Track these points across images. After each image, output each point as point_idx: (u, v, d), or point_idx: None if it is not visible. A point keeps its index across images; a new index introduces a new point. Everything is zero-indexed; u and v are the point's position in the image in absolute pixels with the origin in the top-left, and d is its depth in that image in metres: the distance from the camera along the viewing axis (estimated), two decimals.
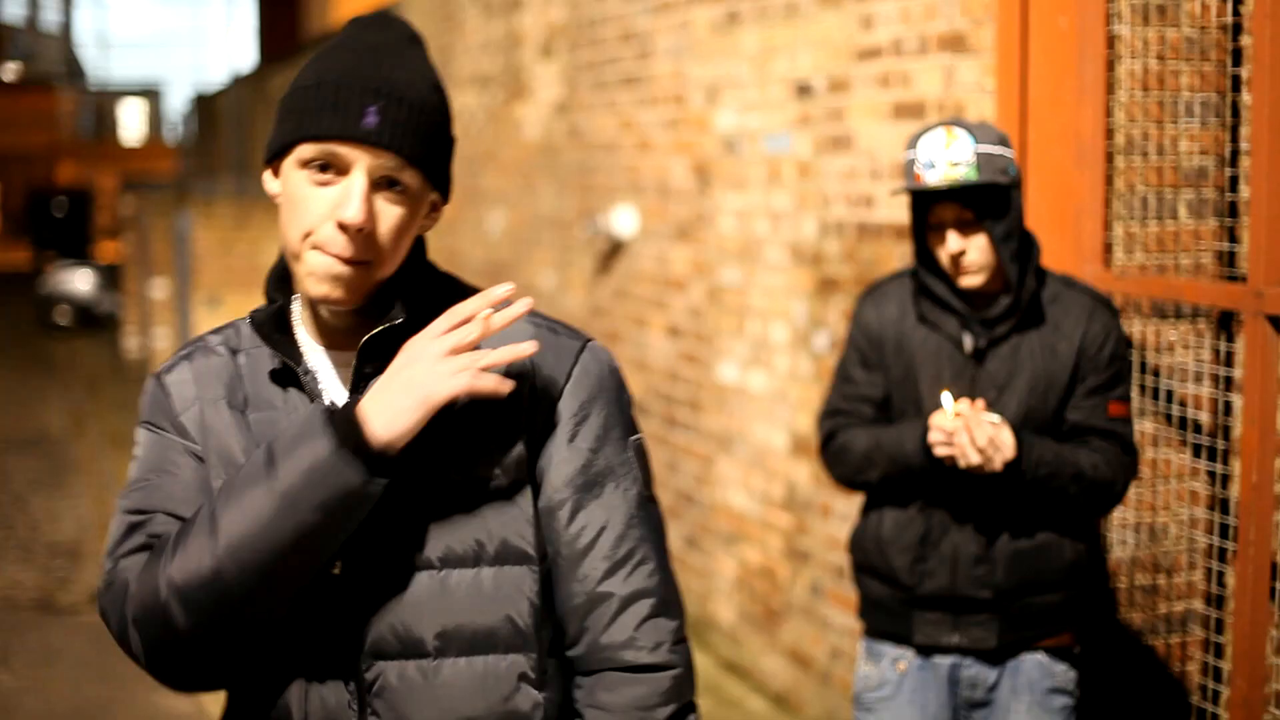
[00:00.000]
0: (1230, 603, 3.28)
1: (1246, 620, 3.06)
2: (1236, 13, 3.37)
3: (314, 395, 1.60)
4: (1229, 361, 3.42)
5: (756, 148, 5.23)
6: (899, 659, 3.00)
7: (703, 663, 5.62)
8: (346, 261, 1.52)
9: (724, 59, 5.45)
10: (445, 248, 9.22)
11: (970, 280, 2.87)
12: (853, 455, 3.01)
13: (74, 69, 52.95)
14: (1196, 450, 3.49)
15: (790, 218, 5.00)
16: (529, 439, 1.60)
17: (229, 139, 20.35)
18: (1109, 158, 3.54)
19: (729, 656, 5.52)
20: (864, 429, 3.00)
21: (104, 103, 50.42)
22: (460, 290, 1.67)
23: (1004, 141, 2.85)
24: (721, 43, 5.47)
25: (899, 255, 4.34)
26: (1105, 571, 3.60)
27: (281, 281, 1.66)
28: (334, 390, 1.62)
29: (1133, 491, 3.56)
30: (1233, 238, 3.48)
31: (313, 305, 1.62)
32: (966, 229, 2.84)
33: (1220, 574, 3.43)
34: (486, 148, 8.35)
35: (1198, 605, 3.55)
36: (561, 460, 1.62)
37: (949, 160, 2.80)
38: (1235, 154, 3.48)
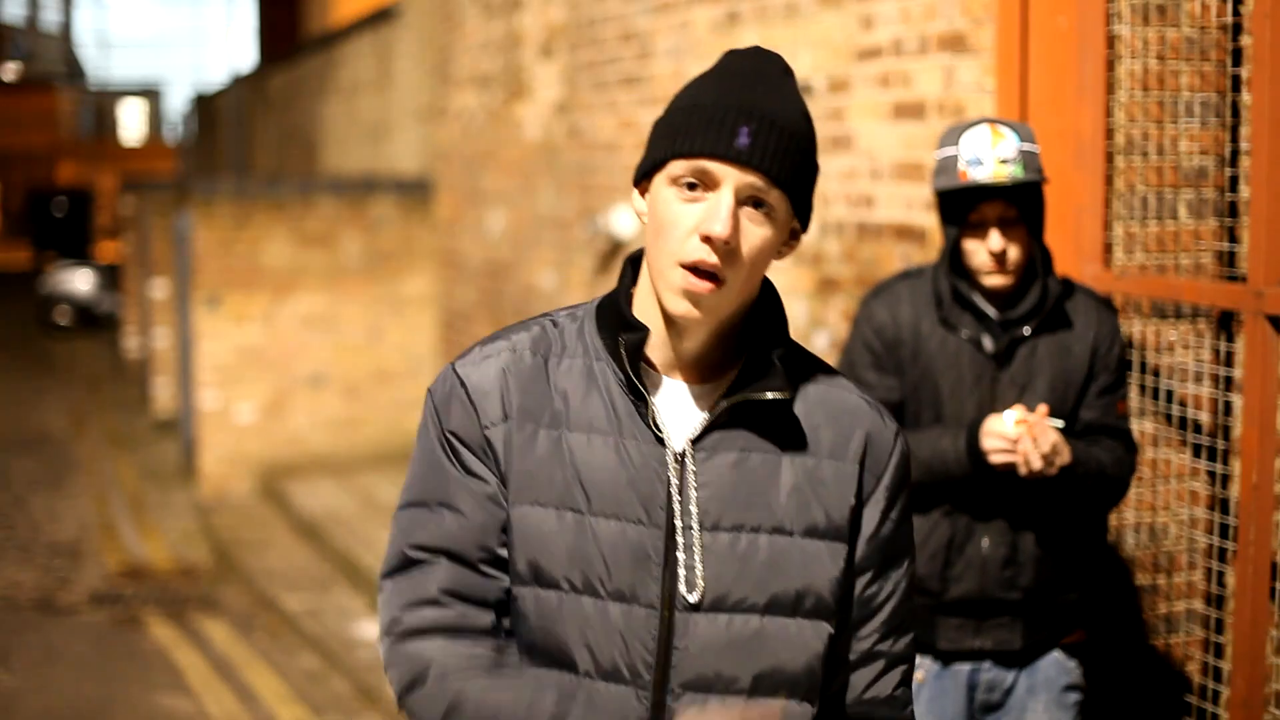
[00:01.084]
0: (1230, 603, 3.28)
1: (1246, 620, 3.06)
2: (1236, 13, 3.37)
3: (657, 429, 1.62)
4: (1229, 361, 3.42)
5: None
6: (917, 669, 2.96)
7: None
8: (707, 277, 1.56)
9: None
10: (445, 248, 9.22)
11: (1003, 280, 2.85)
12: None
13: (74, 69, 52.94)
14: (1196, 450, 3.49)
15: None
16: (858, 504, 1.67)
17: (229, 139, 20.34)
18: (1109, 158, 3.54)
19: None
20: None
21: (104, 103, 50.40)
22: (801, 354, 1.72)
23: (1035, 140, 2.87)
24: (721, 43, 5.47)
25: (899, 255, 4.34)
26: (1114, 573, 3.60)
27: (629, 303, 1.68)
28: (673, 424, 1.64)
29: (1133, 491, 3.56)
30: (1233, 238, 3.48)
31: (668, 332, 1.64)
32: (1008, 227, 2.83)
33: (1220, 574, 3.43)
34: (486, 148, 8.34)
35: (1198, 605, 3.55)
36: (874, 532, 1.69)
37: (998, 157, 2.78)
38: (1235, 154, 3.48)
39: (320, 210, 9.45)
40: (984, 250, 2.84)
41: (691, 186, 1.58)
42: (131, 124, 52.03)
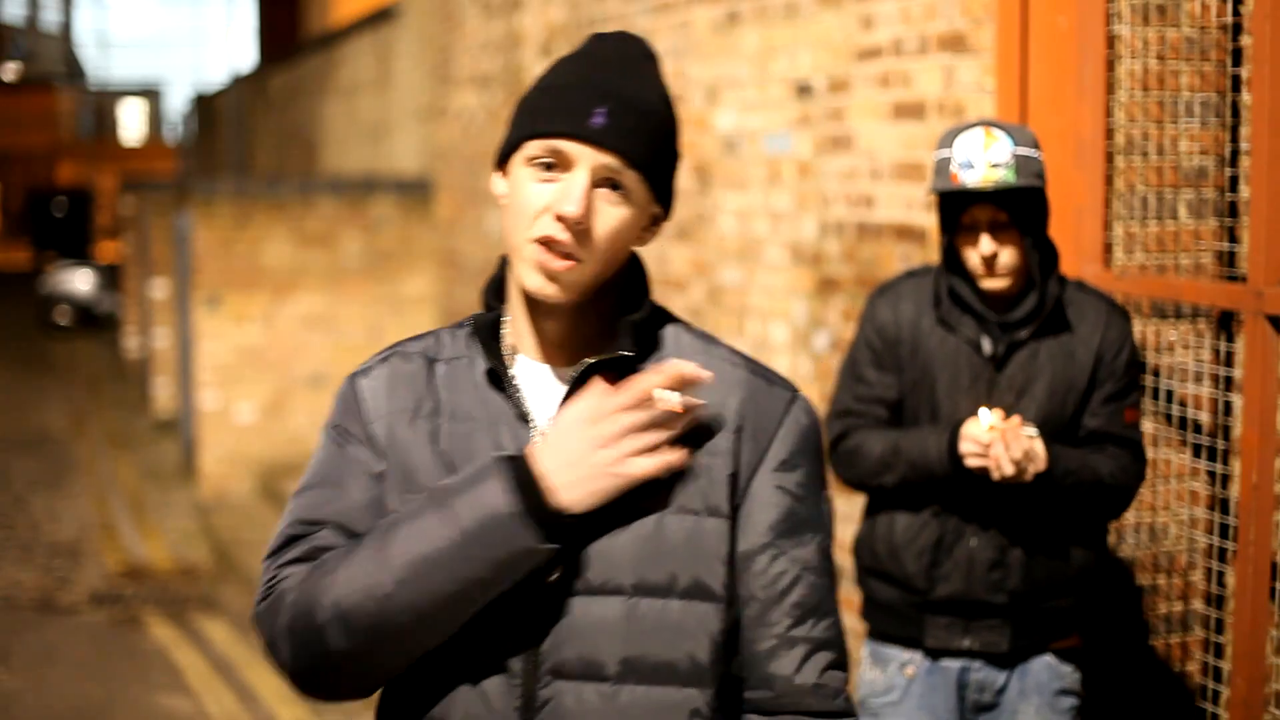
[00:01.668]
0: (1230, 603, 3.28)
1: (1246, 620, 3.06)
2: (1236, 13, 3.37)
3: (519, 406, 1.61)
4: (1229, 361, 3.42)
5: (756, 148, 5.23)
6: (907, 664, 2.98)
7: None
8: (561, 254, 1.55)
9: (724, 59, 5.45)
10: (445, 248, 9.22)
11: (997, 283, 2.85)
12: (867, 458, 2.97)
13: (74, 69, 52.94)
14: (1196, 450, 3.49)
15: (790, 218, 5.00)
16: (734, 480, 1.61)
17: (229, 139, 20.34)
18: (1109, 158, 3.54)
19: None
20: (879, 431, 2.97)
21: (104, 103, 50.41)
22: (677, 325, 1.69)
23: (1037, 144, 2.83)
24: (721, 43, 5.47)
25: (899, 255, 4.34)
26: (1113, 573, 3.60)
27: (498, 292, 1.68)
28: (539, 405, 1.62)
29: None
30: (1233, 238, 3.48)
31: (528, 314, 1.64)
32: (1000, 231, 2.82)
33: (1220, 574, 3.43)
34: (486, 148, 8.34)
35: (1198, 605, 3.55)
36: (767, 505, 1.62)
37: (989, 161, 2.77)
38: (1235, 154, 3.48)
39: (320, 210, 9.45)
40: (976, 254, 2.84)
41: (548, 166, 1.56)
42: (131, 124, 52.03)
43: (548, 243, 1.55)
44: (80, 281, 19.28)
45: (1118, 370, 2.89)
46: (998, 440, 2.75)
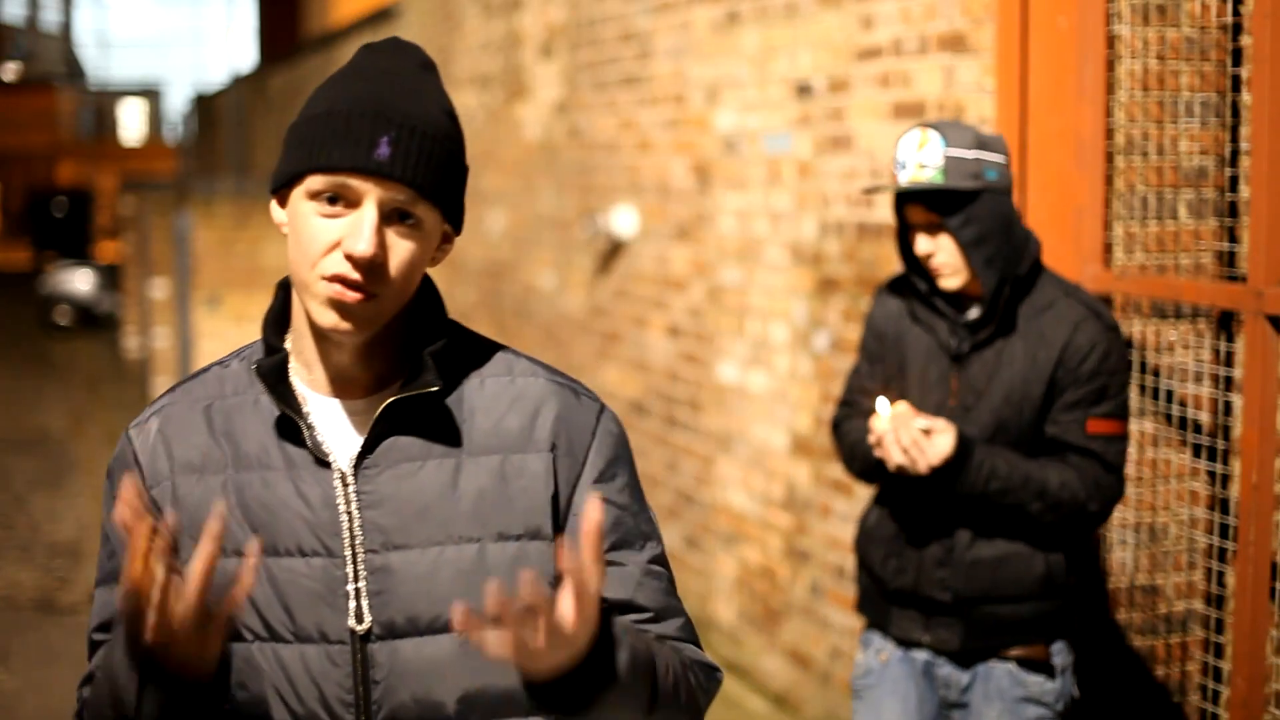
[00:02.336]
0: (1230, 603, 3.28)
1: (1246, 620, 3.06)
2: (1236, 13, 3.37)
3: (318, 453, 1.54)
4: (1229, 361, 3.42)
5: (756, 148, 5.23)
6: (881, 649, 3.04)
7: None
8: (355, 289, 1.47)
9: (724, 59, 5.45)
10: None
11: (946, 282, 2.88)
12: (844, 446, 3.10)
13: (74, 69, 52.96)
14: (1196, 450, 3.49)
15: (790, 218, 5.00)
16: (555, 500, 1.57)
17: (229, 139, 20.35)
18: (1109, 158, 3.54)
19: (729, 656, 5.52)
20: (859, 421, 3.04)
21: (104, 103, 50.40)
22: (476, 346, 1.63)
23: (987, 145, 2.83)
24: (721, 43, 5.47)
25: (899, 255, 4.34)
26: (1097, 580, 3.60)
27: (278, 327, 1.60)
28: (338, 445, 1.55)
29: (1133, 491, 3.56)
30: (1233, 238, 3.48)
31: (318, 347, 1.56)
32: (934, 231, 2.85)
33: (1220, 574, 3.43)
34: (486, 148, 8.34)
35: (1198, 605, 3.55)
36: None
37: (918, 162, 2.81)
38: (1235, 154, 3.48)
39: None
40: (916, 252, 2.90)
41: (332, 200, 1.48)
42: (131, 124, 52.03)
43: (340, 280, 1.47)
44: (80, 281, 19.27)
45: (1081, 376, 2.82)
46: (889, 430, 2.80)
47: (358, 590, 1.52)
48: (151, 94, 53.41)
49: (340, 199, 1.48)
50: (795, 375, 5.01)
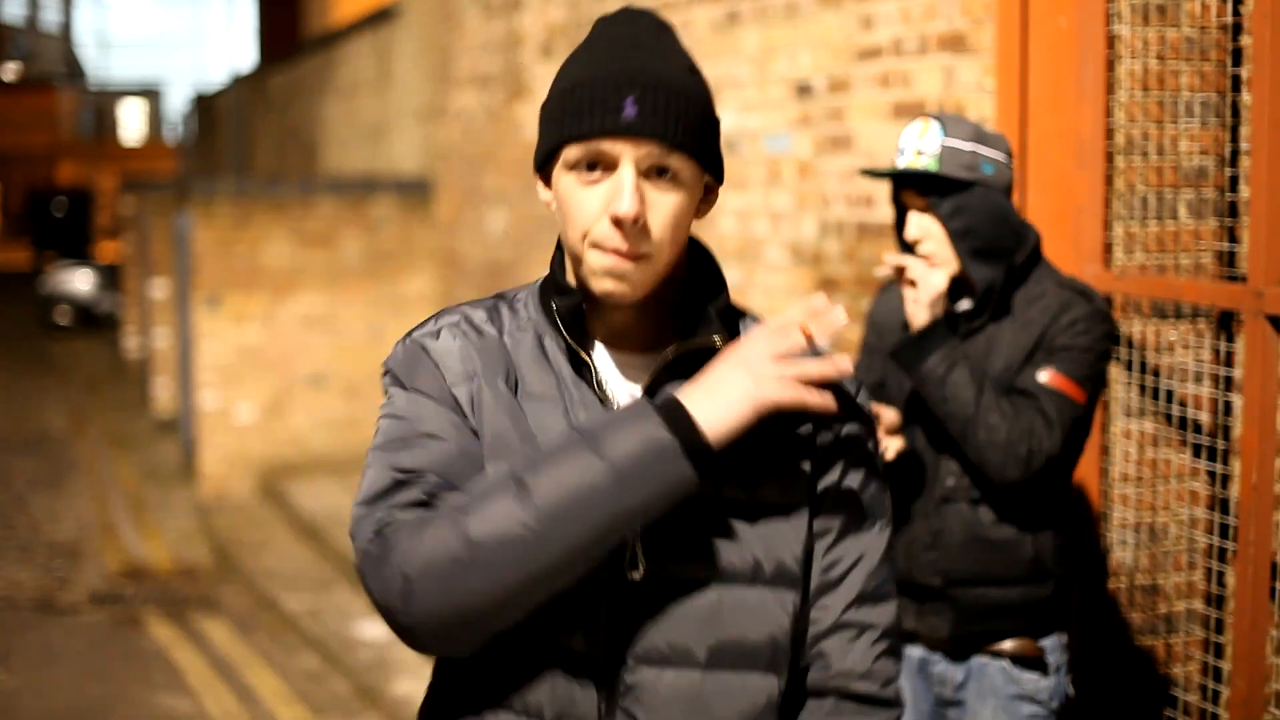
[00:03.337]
0: (1230, 603, 3.28)
1: (1246, 620, 3.06)
2: (1236, 13, 3.37)
3: (602, 395, 1.59)
4: (1229, 361, 3.42)
5: (756, 148, 5.23)
6: None
7: None
8: (626, 256, 1.52)
9: (724, 59, 5.45)
10: (445, 248, 9.22)
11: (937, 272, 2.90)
12: None
13: (74, 69, 52.95)
14: (1196, 450, 3.49)
15: (790, 218, 5.00)
16: (813, 467, 1.62)
17: (229, 139, 20.34)
18: (1109, 158, 3.54)
19: None
20: None
21: (104, 103, 50.41)
22: (742, 311, 1.68)
23: (986, 141, 2.85)
24: (721, 43, 5.47)
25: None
26: (1097, 580, 3.60)
27: (564, 273, 1.64)
28: (618, 391, 1.60)
29: (1133, 491, 3.56)
30: (1233, 238, 3.48)
31: (596, 308, 1.61)
32: (931, 216, 2.87)
33: (1220, 574, 3.43)
34: (486, 148, 8.34)
35: (1198, 605, 3.55)
36: (834, 491, 1.64)
37: (916, 149, 2.85)
38: (1235, 154, 3.48)
39: (320, 210, 9.45)
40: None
41: (591, 167, 1.53)
42: (131, 124, 52.03)
43: (611, 249, 1.52)
44: (80, 281, 19.28)
45: (1051, 343, 2.84)
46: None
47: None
48: (151, 94, 53.40)
49: (598, 165, 1.53)
50: None
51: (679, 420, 1.49)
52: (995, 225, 2.85)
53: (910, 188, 2.89)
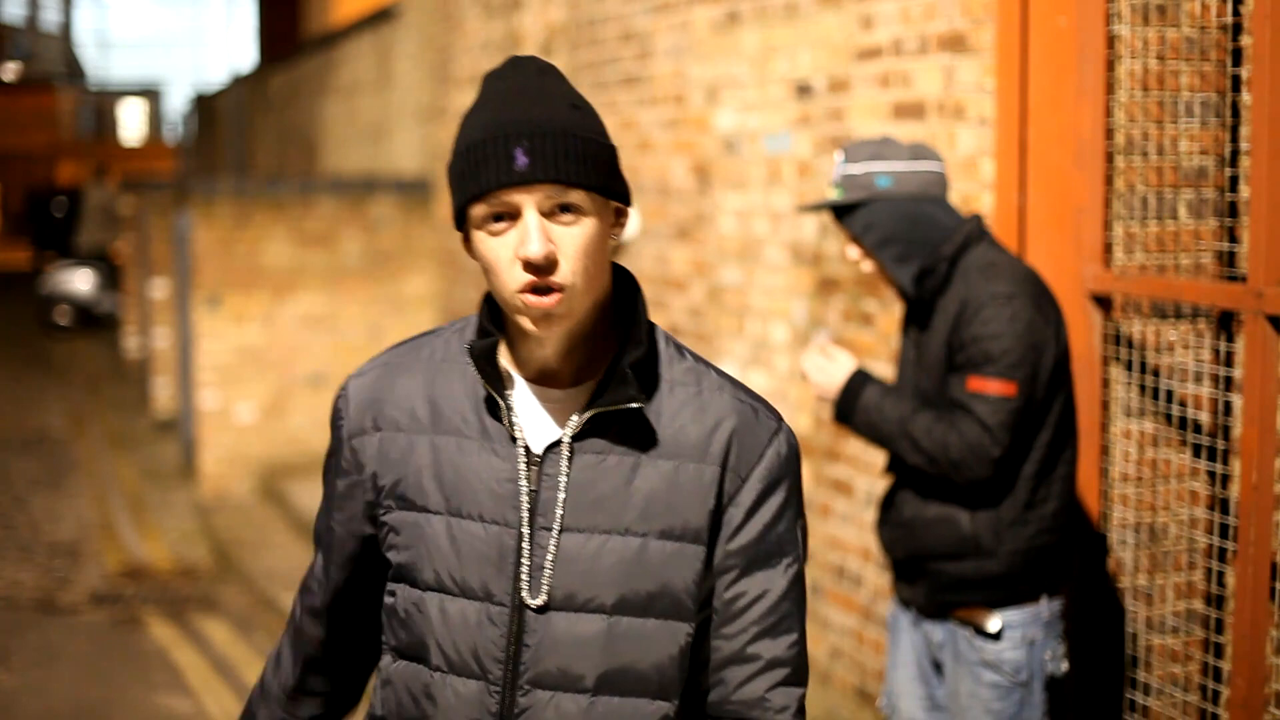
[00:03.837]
0: (1230, 603, 3.28)
1: (1246, 620, 3.06)
2: (1236, 13, 3.37)
3: (513, 431, 1.68)
4: (1229, 361, 3.42)
5: (756, 148, 5.23)
6: (892, 601, 3.30)
7: None
8: (545, 293, 1.59)
9: (724, 59, 5.45)
10: (445, 248, 9.22)
11: (884, 281, 3.15)
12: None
13: (74, 69, 52.91)
14: (1196, 450, 3.49)
15: (790, 218, 5.00)
16: (717, 507, 1.69)
17: (229, 139, 20.35)
18: (1109, 158, 3.54)
19: None
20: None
21: (104, 103, 50.38)
22: (670, 352, 1.73)
23: (885, 155, 3.05)
24: (721, 43, 5.47)
25: None
26: (1097, 580, 3.60)
27: (496, 310, 1.73)
28: (532, 428, 1.69)
29: (1133, 491, 3.56)
30: (1233, 238, 3.48)
31: (523, 344, 1.69)
32: (853, 241, 3.13)
33: (1220, 574, 3.43)
34: None
35: (1198, 605, 3.55)
36: (738, 530, 1.70)
37: (829, 182, 3.13)
38: (1235, 154, 3.48)
39: (320, 210, 9.45)
40: None
41: (498, 219, 1.61)
42: (131, 124, 52.01)
43: (530, 290, 1.59)
44: (80, 281, 19.27)
45: (965, 341, 2.96)
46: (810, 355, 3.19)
47: (527, 563, 1.66)
48: (151, 94, 53.36)
49: (504, 217, 1.61)
50: (795, 375, 5.00)
51: None
52: (908, 228, 3.04)
53: (836, 219, 3.13)
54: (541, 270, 1.58)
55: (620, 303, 1.72)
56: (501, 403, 1.67)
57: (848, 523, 4.64)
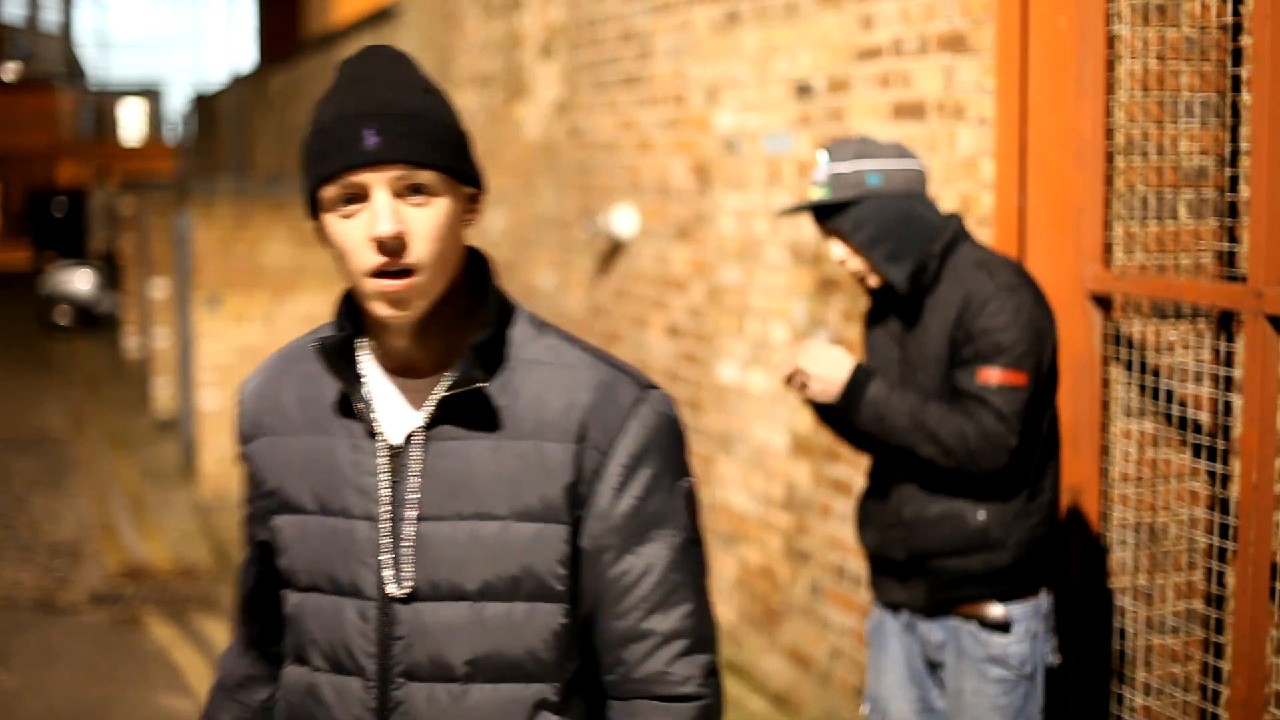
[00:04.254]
0: (1230, 603, 3.28)
1: (1246, 620, 3.06)
2: (1236, 13, 3.37)
3: (370, 426, 1.68)
4: (1229, 361, 3.42)
5: (756, 148, 5.23)
6: (876, 611, 3.26)
7: None
8: (395, 275, 1.59)
9: (724, 59, 5.45)
10: None
11: (869, 281, 3.12)
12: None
13: (74, 69, 52.91)
14: (1196, 450, 3.49)
15: (790, 218, 5.00)
16: (576, 482, 1.66)
17: (229, 139, 20.35)
18: (1109, 158, 3.54)
19: (729, 656, 5.52)
20: None
21: (104, 103, 50.38)
22: (529, 329, 1.73)
23: (869, 154, 3.05)
24: (721, 43, 5.47)
25: None
26: (1097, 579, 3.60)
27: (353, 307, 1.73)
28: (393, 421, 1.69)
29: (1133, 491, 3.56)
30: (1233, 238, 3.48)
31: (378, 332, 1.70)
32: (843, 239, 3.09)
33: (1220, 574, 3.43)
34: (486, 148, 8.34)
35: (1198, 605, 3.55)
36: (609, 506, 1.67)
37: (811, 181, 3.09)
38: (1235, 154, 3.48)
39: None
40: None
41: (349, 201, 1.61)
42: (131, 124, 52.01)
43: (380, 271, 1.60)
44: (80, 281, 19.27)
45: (972, 333, 2.97)
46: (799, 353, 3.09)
47: (391, 555, 1.66)
48: (151, 94, 53.37)
49: (355, 199, 1.61)
50: None
51: None
52: (899, 225, 3.04)
53: (818, 219, 3.10)
54: (392, 251, 1.58)
55: (477, 287, 1.71)
56: (355, 397, 1.67)
57: (848, 523, 4.64)
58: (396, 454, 1.67)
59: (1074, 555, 3.59)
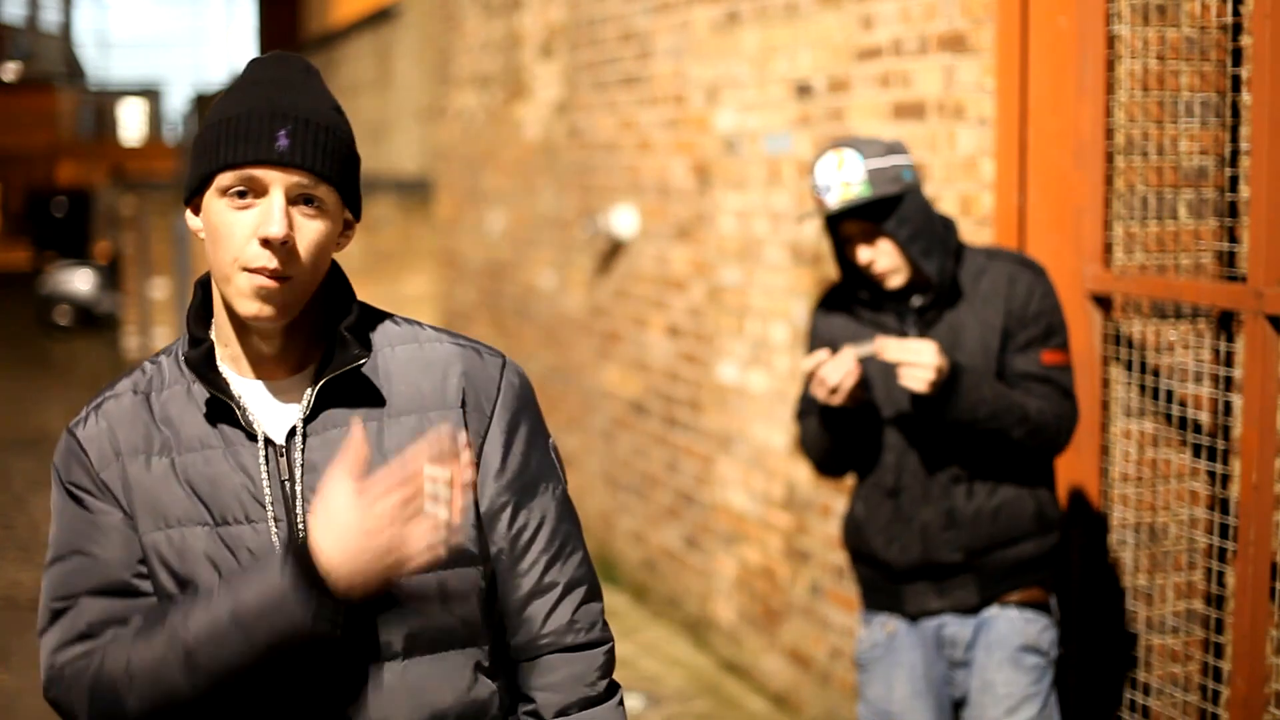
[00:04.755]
0: (1230, 603, 3.28)
1: (1246, 620, 3.06)
2: (1236, 13, 3.37)
3: (250, 429, 1.68)
4: (1229, 361, 3.42)
5: (756, 148, 5.23)
6: (886, 623, 3.19)
7: (703, 663, 5.62)
8: (273, 276, 1.61)
9: (724, 59, 5.45)
10: (445, 248, 9.22)
11: (892, 282, 3.09)
12: (807, 435, 3.26)
13: (74, 69, 52.92)
14: (1196, 450, 3.49)
15: (790, 218, 5.00)
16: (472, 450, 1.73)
17: None
18: (1109, 158, 3.54)
19: (729, 656, 5.52)
20: (813, 415, 3.23)
21: (104, 103, 50.39)
22: (383, 319, 1.78)
23: (894, 150, 3.06)
24: (721, 43, 5.47)
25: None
26: (1097, 580, 3.60)
27: (201, 321, 1.75)
28: (268, 421, 1.70)
29: (1133, 491, 3.56)
30: (1233, 238, 3.48)
31: (240, 336, 1.70)
32: (871, 239, 3.06)
33: (1220, 574, 3.43)
34: (486, 148, 8.34)
35: (1198, 605, 3.55)
36: (500, 468, 1.75)
37: (843, 181, 3.03)
38: (1235, 154, 3.48)
39: None
40: (858, 263, 3.10)
41: (242, 194, 1.62)
42: (131, 124, 52.01)
43: (259, 270, 1.61)
44: (80, 281, 19.27)
45: (1027, 319, 3.06)
46: (820, 367, 3.00)
47: None
48: (151, 94, 53.38)
49: (249, 191, 1.63)
50: (795, 375, 5.00)
51: (303, 570, 1.57)
52: (930, 221, 3.06)
53: (850, 218, 3.05)
54: (276, 253, 1.60)
55: (331, 292, 1.74)
56: (232, 403, 1.68)
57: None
58: (280, 453, 1.68)
59: (1074, 555, 3.59)
